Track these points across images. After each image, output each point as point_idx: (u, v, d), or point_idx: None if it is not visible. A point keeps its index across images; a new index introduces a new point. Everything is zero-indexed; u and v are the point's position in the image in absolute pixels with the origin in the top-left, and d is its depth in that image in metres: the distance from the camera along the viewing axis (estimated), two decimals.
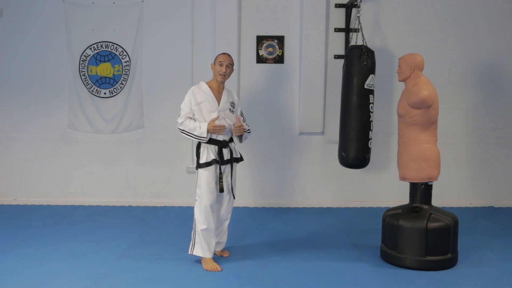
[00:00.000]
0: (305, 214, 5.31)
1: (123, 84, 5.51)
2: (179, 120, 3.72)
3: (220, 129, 3.66)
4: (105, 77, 5.51)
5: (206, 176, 3.71)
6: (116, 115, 5.54)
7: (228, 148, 3.80)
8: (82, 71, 5.50)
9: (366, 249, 4.14)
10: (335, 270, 3.69)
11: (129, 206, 5.58)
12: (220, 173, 3.75)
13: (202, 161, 3.71)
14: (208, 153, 3.72)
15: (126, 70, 5.49)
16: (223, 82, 3.84)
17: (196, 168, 3.77)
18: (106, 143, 5.58)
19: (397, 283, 3.46)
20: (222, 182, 3.76)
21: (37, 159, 5.62)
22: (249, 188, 5.59)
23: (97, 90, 5.52)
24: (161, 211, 5.39)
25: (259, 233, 4.60)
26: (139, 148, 5.60)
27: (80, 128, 5.56)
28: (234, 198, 3.91)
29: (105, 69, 5.50)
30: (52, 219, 5.03)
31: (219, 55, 3.85)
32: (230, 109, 3.83)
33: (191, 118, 3.71)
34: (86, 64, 5.49)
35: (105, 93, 5.52)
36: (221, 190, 3.76)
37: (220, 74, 3.77)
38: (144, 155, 5.60)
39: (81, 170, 5.61)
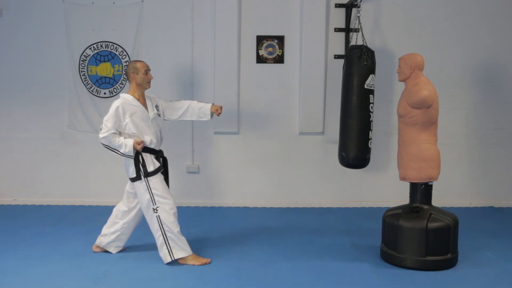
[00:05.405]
0: (305, 214, 5.31)
1: (123, 84, 5.50)
2: (102, 135, 3.68)
3: (142, 146, 3.73)
4: (105, 77, 5.50)
5: (160, 180, 3.80)
6: None
7: (160, 158, 3.91)
8: (82, 71, 5.50)
9: (366, 249, 4.13)
10: (335, 270, 3.68)
11: None
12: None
13: (151, 169, 3.77)
14: (153, 160, 3.80)
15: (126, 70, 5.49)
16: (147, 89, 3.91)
17: (143, 177, 3.75)
18: None
19: (397, 283, 3.46)
20: None
21: (37, 159, 5.61)
22: (249, 188, 5.59)
23: (97, 90, 5.51)
24: None
25: (259, 233, 4.60)
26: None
27: (80, 128, 5.56)
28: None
29: (105, 69, 5.49)
30: (52, 219, 5.03)
31: (139, 63, 3.86)
32: (158, 114, 3.93)
33: (115, 133, 3.69)
34: (86, 64, 5.49)
35: (105, 93, 5.52)
36: None
37: (148, 82, 3.85)
38: None
39: (81, 170, 5.61)
